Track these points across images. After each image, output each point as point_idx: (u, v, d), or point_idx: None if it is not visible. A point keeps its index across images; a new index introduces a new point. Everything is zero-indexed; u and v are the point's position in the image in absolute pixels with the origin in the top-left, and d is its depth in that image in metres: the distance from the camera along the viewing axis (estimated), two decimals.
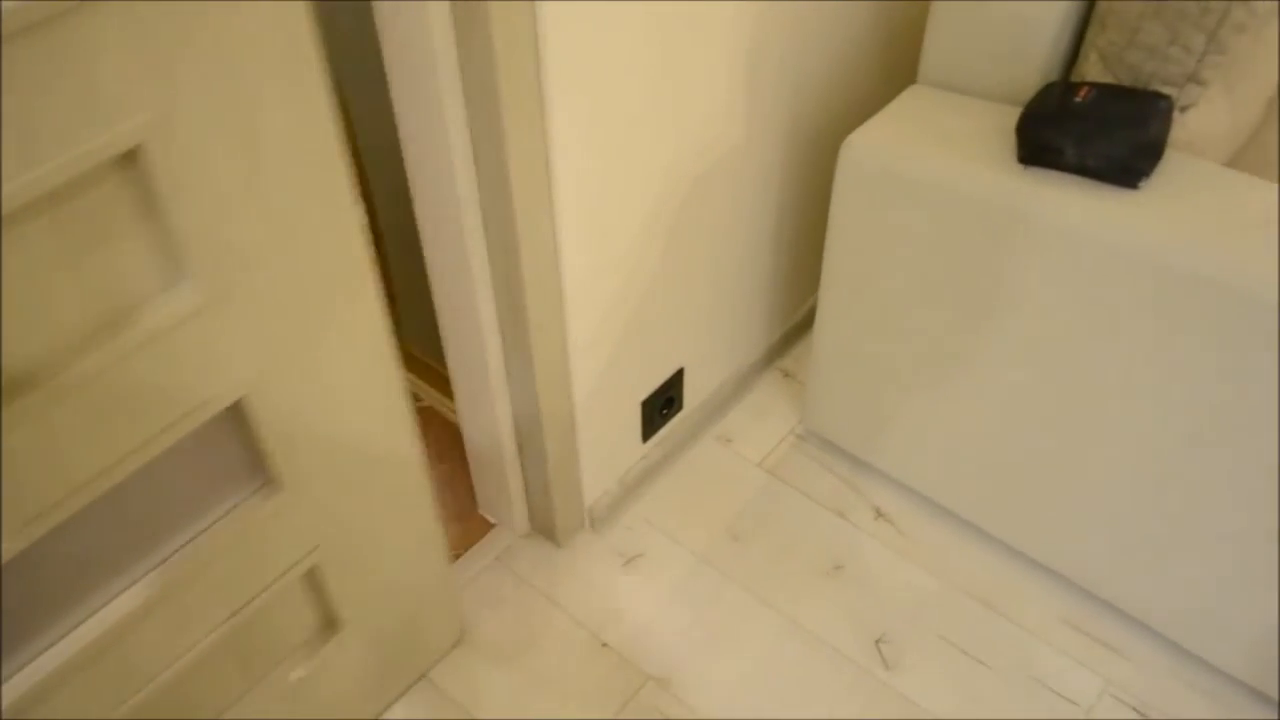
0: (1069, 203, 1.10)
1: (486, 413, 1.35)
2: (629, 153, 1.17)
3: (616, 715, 1.32)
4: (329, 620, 1.16)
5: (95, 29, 0.63)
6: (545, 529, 1.50)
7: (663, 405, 1.53)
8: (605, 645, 1.40)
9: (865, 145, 1.23)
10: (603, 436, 1.44)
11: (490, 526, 1.54)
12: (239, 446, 0.94)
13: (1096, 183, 1.11)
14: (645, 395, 1.48)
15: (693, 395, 1.60)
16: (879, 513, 1.54)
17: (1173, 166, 1.12)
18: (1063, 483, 1.31)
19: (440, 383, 1.68)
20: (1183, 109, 1.11)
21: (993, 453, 1.37)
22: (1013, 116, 1.20)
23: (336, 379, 0.95)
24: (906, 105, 1.26)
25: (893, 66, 1.57)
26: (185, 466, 0.90)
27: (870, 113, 1.57)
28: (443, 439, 1.65)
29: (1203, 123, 1.12)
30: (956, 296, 1.25)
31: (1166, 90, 1.10)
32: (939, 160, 1.18)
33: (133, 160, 0.70)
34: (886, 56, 1.54)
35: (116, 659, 0.92)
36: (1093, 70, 1.15)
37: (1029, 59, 1.19)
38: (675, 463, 1.62)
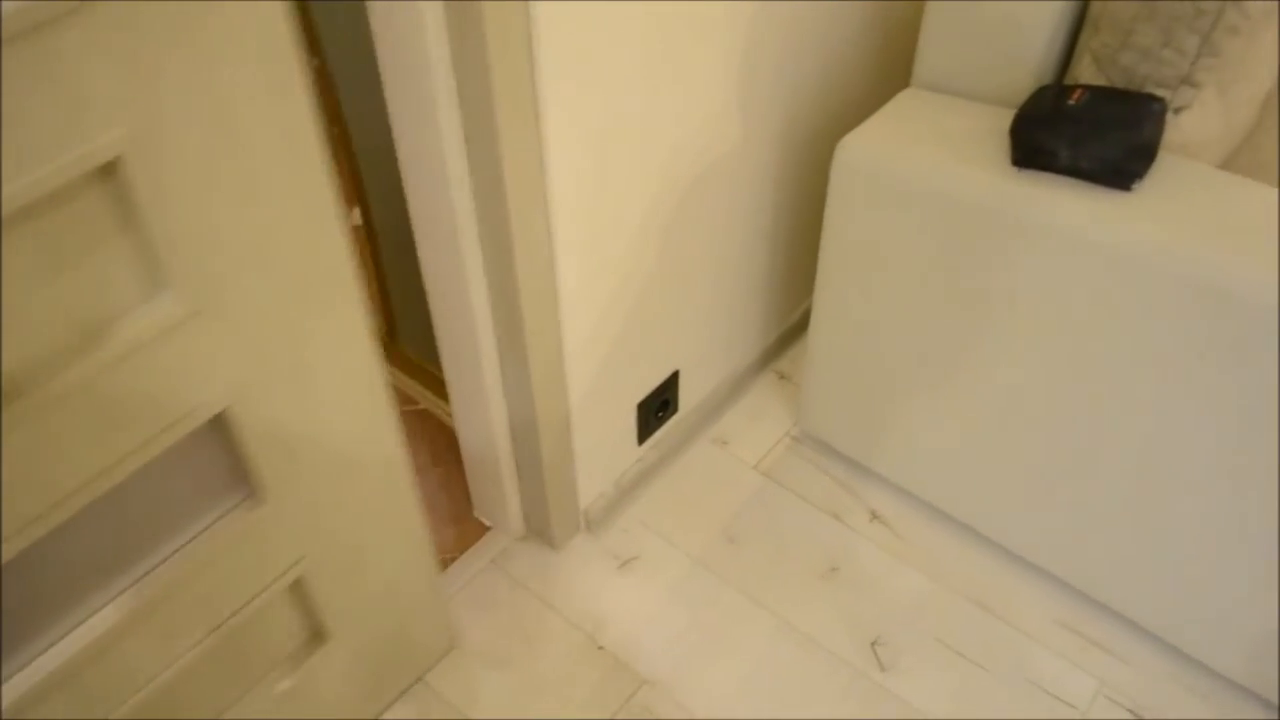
0: (1062, 205, 1.10)
1: (481, 416, 1.35)
2: (624, 155, 1.17)
3: (612, 718, 1.32)
4: (316, 631, 1.15)
5: (74, 41, 0.63)
6: (541, 532, 1.50)
7: (658, 408, 1.53)
8: (601, 648, 1.39)
9: (859, 147, 1.23)
10: (598, 439, 1.44)
11: (486, 530, 1.54)
12: (222, 457, 0.93)
13: (1090, 185, 1.11)
14: (641, 398, 1.48)
15: (688, 398, 1.60)
16: (874, 515, 1.54)
17: (1166, 169, 1.12)
18: (1058, 485, 1.31)
19: (435, 385, 1.68)
20: (1176, 111, 1.11)
21: (987, 454, 1.37)
22: (1007, 119, 1.20)
23: (321, 389, 0.95)
24: (901, 107, 1.27)
25: (887, 69, 1.58)
26: (168, 478, 0.89)
27: (865, 115, 1.58)
28: (438, 442, 1.65)
29: (1196, 125, 1.12)
30: (951, 299, 1.25)
31: (1160, 92, 1.11)
32: (933, 163, 1.18)
33: (112, 172, 0.70)
34: (881, 59, 1.54)
35: (97, 674, 0.91)
36: (1086, 73, 1.15)
37: (1023, 61, 1.19)
38: (670, 465, 1.62)
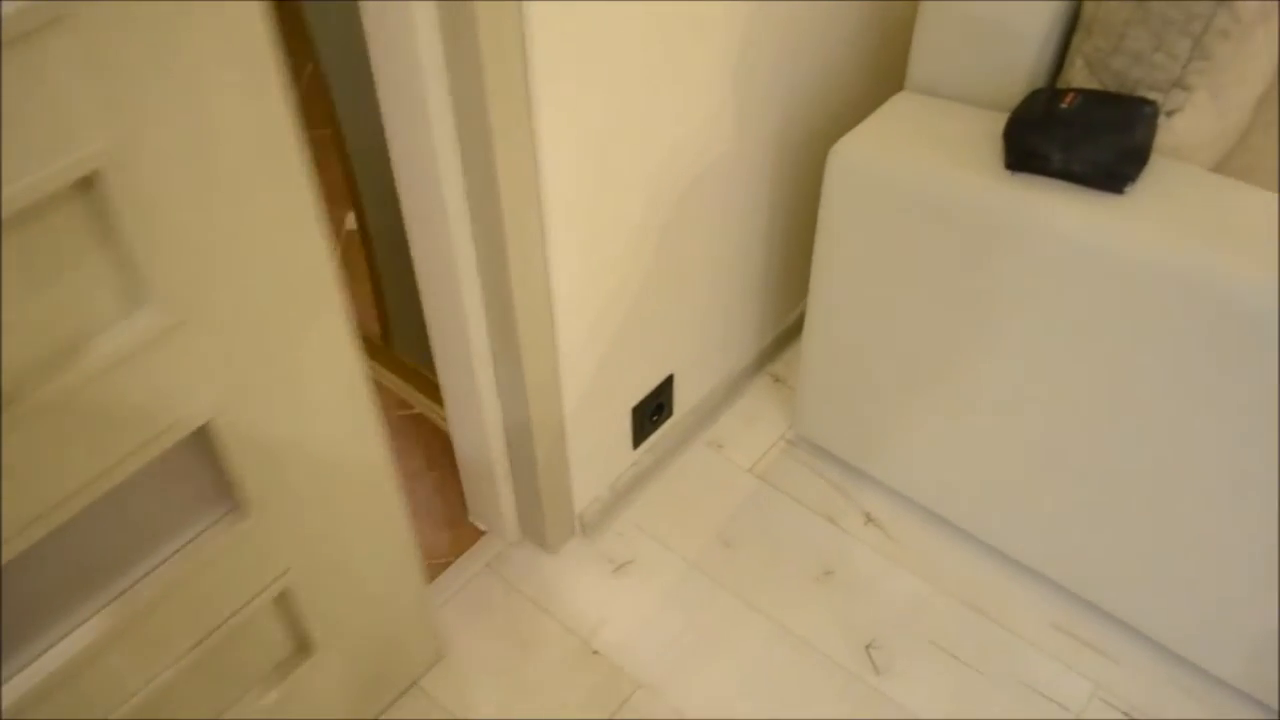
0: (1055, 208, 1.11)
1: (476, 419, 1.34)
2: (620, 156, 1.17)
3: None
4: (303, 642, 1.15)
5: (52, 54, 0.62)
6: (536, 536, 1.49)
7: (653, 411, 1.53)
8: (596, 652, 1.39)
9: (853, 151, 1.23)
10: (593, 443, 1.44)
11: (480, 534, 1.53)
12: (205, 470, 0.92)
13: (1083, 188, 1.11)
14: (636, 401, 1.48)
15: (683, 401, 1.60)
16: (869, 518, 1.54)
17: (1158, 172, 1.12)
18: (1053, 488, 1.31)
19: (430, 389, 1.68)
20: (1168, 114, 1.12)
21: (981, 457, 1.37)
22: (1000, 122, 1.20)
23: (305, 399, 0.94)
24: (894, 111, 1.27)
25: (881, 72, 1.58)
26: (152, 492, 0.88)
27: (861, 116, 1.58)
28: (433, 446, 1.65)
29: (1188, 128, 1.13)
30: (945, 302, 1.26)
31: (1152, 96, 1.11)
32: (926, 166, 1.18)
33: (91, 185, 0.69)
34: (875, 62, 1.55)
35: (81, 688, 0.90)
36: (1079, 76, 1.15)
37: (1016, 65, 1.19)
38: (666, 469, 1.62)
